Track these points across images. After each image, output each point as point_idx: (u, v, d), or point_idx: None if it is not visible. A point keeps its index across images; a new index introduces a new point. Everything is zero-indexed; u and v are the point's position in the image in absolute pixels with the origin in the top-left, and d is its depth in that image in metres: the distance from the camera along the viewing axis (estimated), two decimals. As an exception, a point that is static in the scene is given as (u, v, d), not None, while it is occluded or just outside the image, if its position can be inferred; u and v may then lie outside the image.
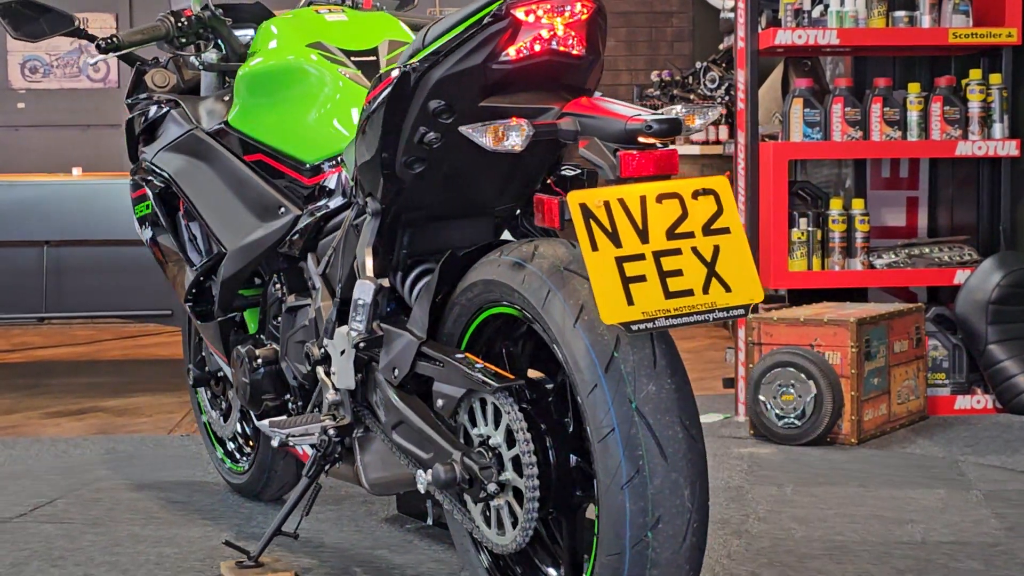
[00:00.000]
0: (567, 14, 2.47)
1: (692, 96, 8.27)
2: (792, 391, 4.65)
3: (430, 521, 2.97)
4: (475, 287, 2.59)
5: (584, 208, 2.23)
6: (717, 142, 8.09)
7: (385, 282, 2.78)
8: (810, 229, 5.18)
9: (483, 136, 2.40)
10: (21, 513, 3.83)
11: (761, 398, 4.71)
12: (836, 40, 5.15)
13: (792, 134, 5.20)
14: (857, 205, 5.24)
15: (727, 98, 8.12)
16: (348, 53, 3.26)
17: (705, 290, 2.23)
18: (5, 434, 5.15)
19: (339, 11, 3.39)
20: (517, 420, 2.43)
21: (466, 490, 2.52)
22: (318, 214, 3.11)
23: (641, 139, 2.31)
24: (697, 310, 2.22)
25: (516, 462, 2.45)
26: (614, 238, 2.22)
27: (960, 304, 5.16)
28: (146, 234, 3.77)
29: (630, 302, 2.20)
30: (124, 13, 9.04)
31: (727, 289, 2.23)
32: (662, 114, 2.33)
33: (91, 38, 3.65)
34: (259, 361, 3.22)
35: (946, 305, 5.37)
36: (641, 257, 2.22)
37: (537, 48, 2.47)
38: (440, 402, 2.60)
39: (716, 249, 2.24)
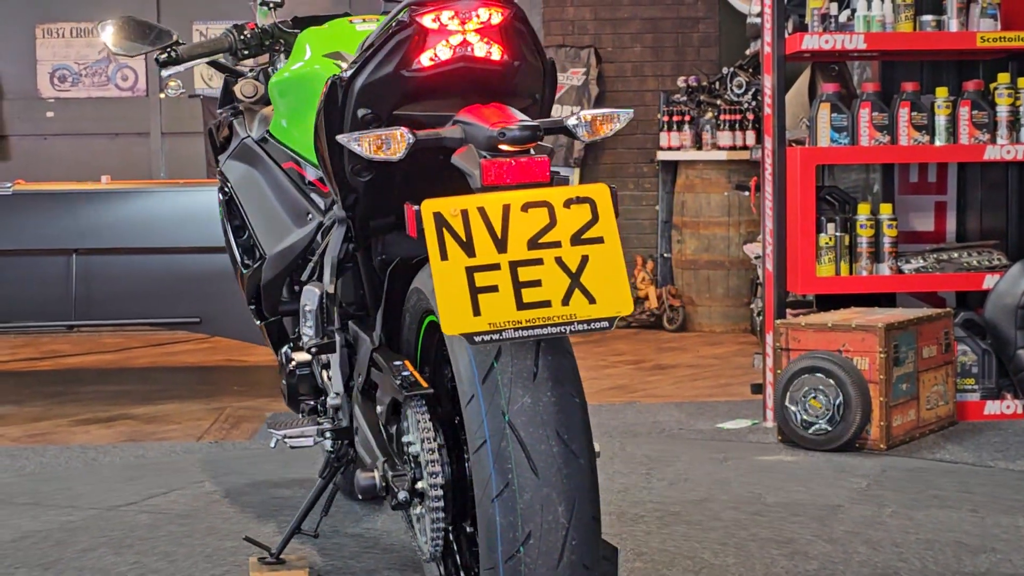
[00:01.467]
0: (476, 20, 2.44)
1: (719, 101, 8.26)
2: (820, 397, 4.63)
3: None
4: (413, 294, 2.59)
5: (438, 217, 2.17)
6: (744, 147, 8.08)
7: (331, 288, 2.81)
8: (838, 234, 5.16)
9: (360, 145, 2.38)
10: (113, 506, 3.85)
11: (789, 404, 4.69)
12: (863, 45, 5.13)
13: (819, 139, 5.18)
14: (885, 210, 5.23)
15: (754, 103, 8.10)
16: None
17: (565, 302, 2.15)
18: (35, 442, 5.17)
19: (373, 20, 3.42)
20: (425, 428, 2.43)
21: (383, 497, 2.52)
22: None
23: (504, 147, 2.26)
24: (552, 322, 2.14)
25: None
26: (468, 247, 2.16)
27: (989, 309, 5.13)
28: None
29: (476, 313, 2.13)
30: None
31: (591, 301, 2.15)
32: (524, 122, 2.28)
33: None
34: (294, 364, 3.26)
35: (975, 310, 5.34)
36: (496, 267, 2.15)
37: (448, 55, 2.45)
38: (378, 408, 2.62)
39: (584, 259, 2.16)
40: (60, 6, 9.17)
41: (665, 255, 8.67)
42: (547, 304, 2.14)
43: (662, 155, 8.50)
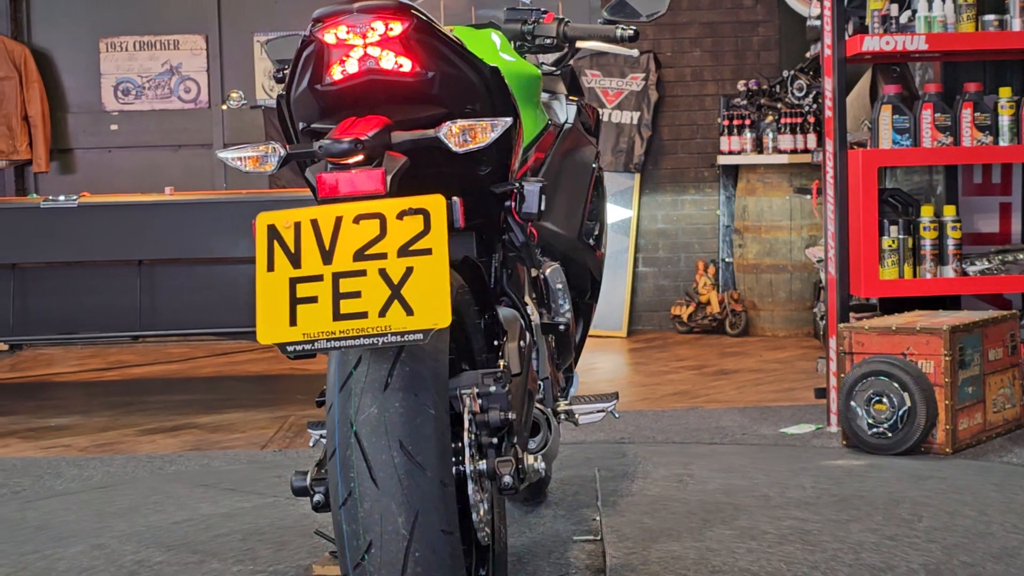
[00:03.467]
0: (376, 32, 2.44)
1: (780, 104, 8.22)
2: (885, 401, 4.60)
3: None
4: None
5: (271, 229, 2.20)
6: (806, 150, 8.04)
7: None
8: (901, 237, 5.12)
9: (238, 161, 2.42)
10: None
11: (853, 408, 4.66)
12: (924, 46, 5.09)
13: (881, 141, 5.15)
14: (949, 212, 5.18)
15: (815, 106, 8.06)
16: None
17: (382, 313, 2.14)
18: (102, 451, 5.23)
19: (473, 32, 3.46)
20: None
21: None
22: None
23: (332, 160, 2.29)
24: (366, 333, 2.13)
25: None
26: (295, 259, 2.18)
27: (1056, 310, 5.08)
28: None
29: (293, 323, 2.15)
30: (213, 34, 9.15)
31: (408, 313, 2.14)
32: (348, 137, 2.30)
33: None
34: None
35: (1042, 312, 5.29)
36: (319, 278, 2.16)
37: (356, 69, 2.46)
38: None
39: (409, 271, 2.16)
40: (123, 20, 9.27)
41: (727, 260, 8.64)
42: (364, 316, 2.14)
43: (723, 159, 8.47)
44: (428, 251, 2.16)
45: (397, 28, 2.44)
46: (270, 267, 2.19)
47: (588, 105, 3.92)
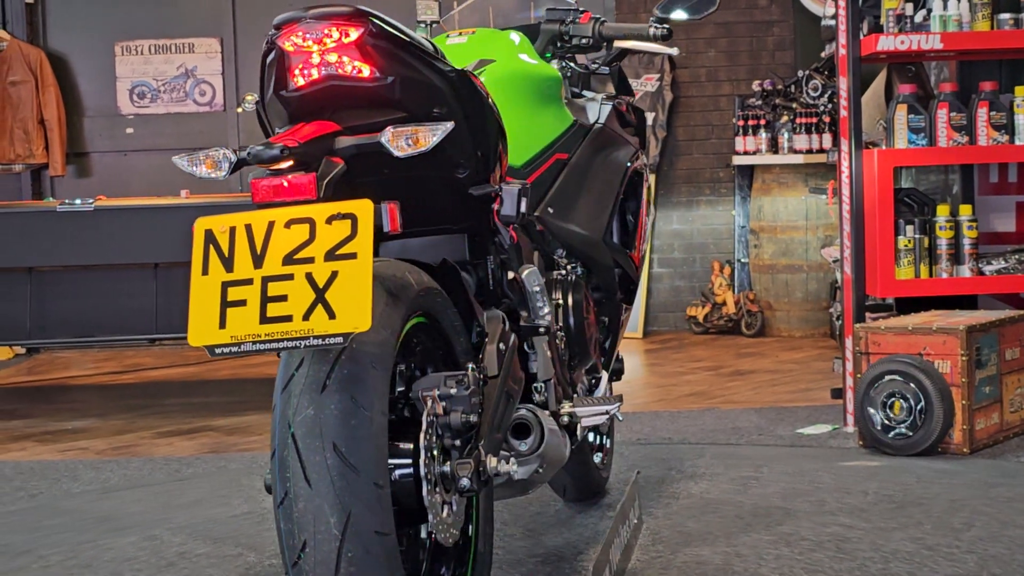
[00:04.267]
0: (332, 38, 2.47)
1: (795, 104, 8.21)
2: (901, 401, 4.59)
3: None
4: None
5: (208, 234, 2.26)
6: (821, 150, 8.03)
7: None
8: (917, 236, 5.11)
9: (193, 165, 2.49)
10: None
11: (870, 409, 4.65)
12: (940, 45, 5.08)
13: (897, 140, 5.14)
14: (965, 211, 5.17)
15: (830, 106, 8.05)
16: None
17: (306, 317, 2.17)
18: (119, 454, 5.24)
19: (469, 32, 3.46)
20: None
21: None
22: None
23: (263, 166, 2.36)
24: (290, 336, 2.16)
25: None
26: (228, 263, 2.23)
27: (1073, 310, 5.06)
28: None
29: (222, 326, 2.19)
30: (228, 37, 9.16)
31: (331, 316, 2.16)
32: (279, 143, 2.36)
33: None
34: None
35: (1059, 311, 5.27)
36: (249, 282, 2.21)
37: (316, 75, 2.50)
38: None
39: (334, 275, 2.18)
40: (138, 23, 9.29)
41: (742, 260, 8.63)
42: (288, 319, 2.17)
43: (738, 159, 8.46)
44: (353, 255, 2.19)
45: (353, 34, 2.47)
46: (204, 271, 2.25)
47: (630, 104, 3.92)
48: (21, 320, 6.19)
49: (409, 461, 2.40)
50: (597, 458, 3.94)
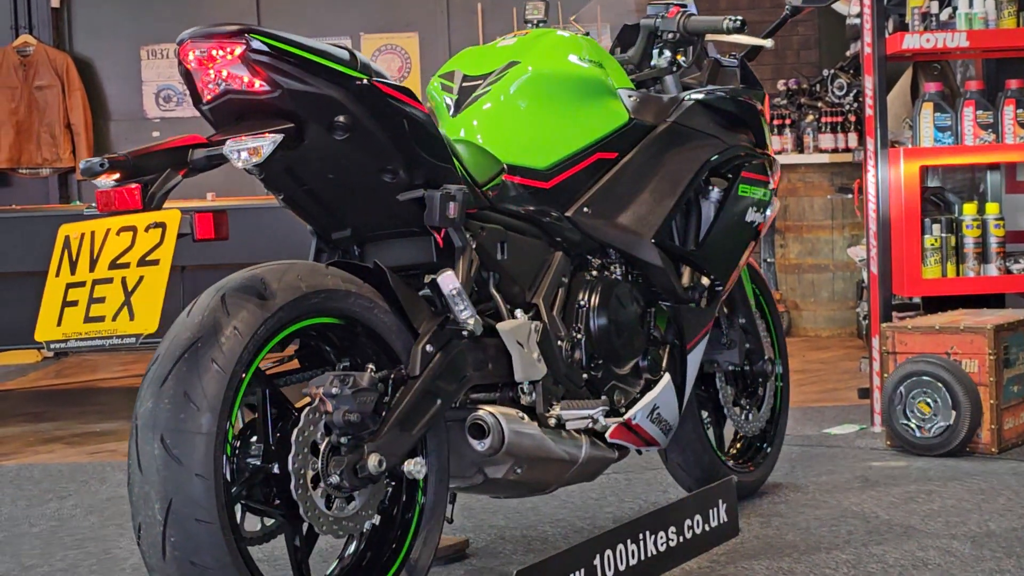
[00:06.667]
0: (219, 56, 2.61)
1: (820, 103, 8.19)
2: (929, 400, 4.57)
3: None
4: None
5: (66, 239, 2.51)
6: (847, 149, 8.01)
7: None
8: (943, 235, 5.09)
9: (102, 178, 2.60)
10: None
11: (897, 408, 4.63)
12: (965, 43, 5.06)
13: (923, 139, 5.12)
14: (991, 209, 5.15)
15: (855, 105, 8.02)
16: (470, 78, 3.39)
17: (115, 317, 2.39)
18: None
19: (522, 34, 3.49)
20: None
21: None
22: None
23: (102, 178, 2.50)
24: (102, 335, 2.39)
25: None
26: (73, 266, 2.47)
27: (1102, 308, 5.03)
28: None
29: (59, 324, 2.44)
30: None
31: (131, 318, 2.38)
32: (105, 158, 2.51)
33: None
34: None
35: (1087, 309, 5.25)
36: (83, 284, 2.45)
37: (216, 89, 2.65)
38: None
39: (140, 279, 2.40)
40: (164, 27, 9.32)
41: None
42: (102, 319, 2.41)
43: (763, 159, 8.43)
44: (156, 262, 2.41)
45: (236, 51, 2.60)
46: (57, 273, 2.49)
47: (737, 99, 3.83)
48: (49, 323, 6.21)
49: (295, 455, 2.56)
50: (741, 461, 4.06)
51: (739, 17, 3.66)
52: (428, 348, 2.81)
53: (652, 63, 3.77)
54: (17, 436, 5.90)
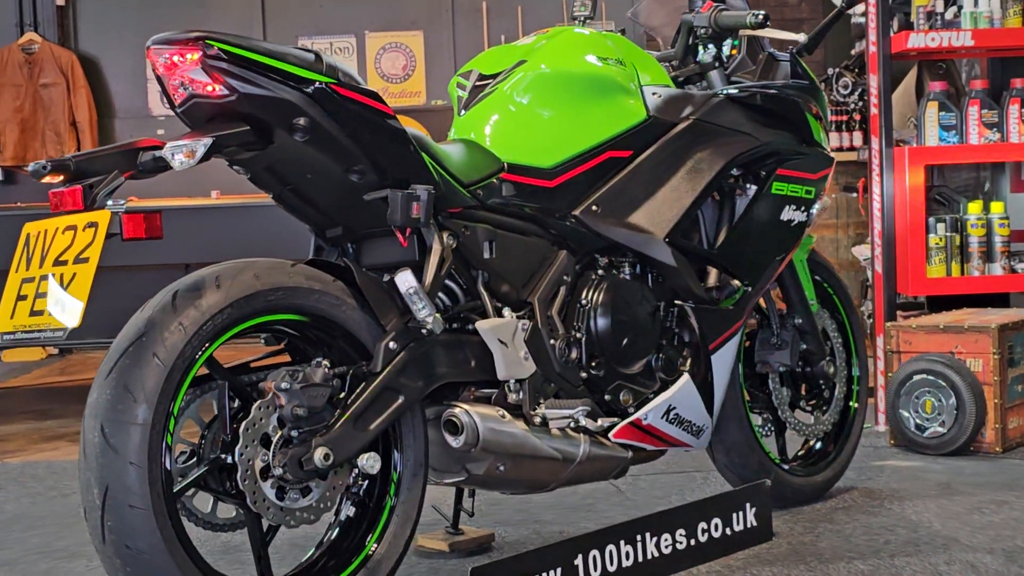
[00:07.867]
0: (180, 63, 2.72)
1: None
2: (933, 400, 4.57)
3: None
4: None
5: (27, 237, 2.65)
6: (851, 148, 7.99)
7: None
8: (948, 234, 5.09)
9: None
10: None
11: (901, 407, 4.63)
12: (970, 42, 5.06)
13: (927, 138, 5.12)
14: (996, 208, 5.15)
15: (860, 104, 8.01)
16: (484, 77, 3.42)
17: (52, 312, 2.52)
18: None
19: (544, 32, 3.50)
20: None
21: None
22: None
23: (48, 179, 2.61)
24: (39, 328, 2.53)
25: None
26: (28, 262, 2.61)
27: (1106, 307, 5.03)
28: None
29: (11, 316, 2.58)
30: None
31: (62, 312, 2.51)
32: (51, 159, 2.63)
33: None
34: None
35: (1092, 309, 5.24)
36: (32, 280, 2.58)
37: (183, 93, 2.75)
38: None
39: (74, 276, 2.53)
40: (169, 26, 9.26)
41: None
42: (41, 313, 2.53)
43: (768, 158, 8.42)
44: (87, 260, 2.53)
45: (192, 57, 2.70)
46: (16, 269, 2.62)
47: (775, 94, 3.72)
48: (53, 321, 6.21)
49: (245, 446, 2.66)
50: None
51: (761, 12, 3.62)
52: (392, 345, 2.85)
53: (698, 58, 3.75)
54: (21, 433, 5.91)
